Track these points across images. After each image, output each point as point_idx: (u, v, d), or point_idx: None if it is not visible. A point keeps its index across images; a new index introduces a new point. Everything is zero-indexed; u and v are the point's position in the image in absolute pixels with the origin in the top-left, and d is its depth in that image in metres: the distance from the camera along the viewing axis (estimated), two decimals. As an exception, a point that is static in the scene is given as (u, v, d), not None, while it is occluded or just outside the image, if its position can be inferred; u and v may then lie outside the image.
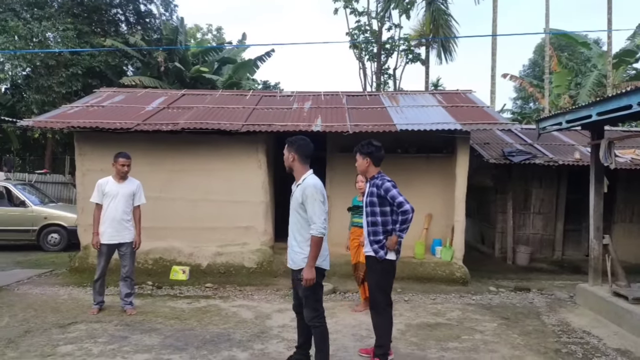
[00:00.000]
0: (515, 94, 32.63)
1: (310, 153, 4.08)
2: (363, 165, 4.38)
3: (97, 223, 5.68)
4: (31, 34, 15.83)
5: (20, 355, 4.40)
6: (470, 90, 9.67)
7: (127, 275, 5.81)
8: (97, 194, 5.72)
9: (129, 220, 5.79)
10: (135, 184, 5.88)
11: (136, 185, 5.88)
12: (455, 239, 7.73)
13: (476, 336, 5.13)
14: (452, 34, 20.78)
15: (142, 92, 10.05)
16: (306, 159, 4.05)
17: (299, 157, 4.02)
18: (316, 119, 7.93)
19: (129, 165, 5.77)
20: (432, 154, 8.12)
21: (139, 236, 5.88)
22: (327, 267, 3.97)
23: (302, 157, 4.03)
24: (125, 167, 5.75)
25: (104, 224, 5.67)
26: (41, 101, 16.01)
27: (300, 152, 4.04)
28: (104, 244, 5.67)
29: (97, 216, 5.69)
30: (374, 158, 4.35)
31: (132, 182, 5.86)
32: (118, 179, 5.78)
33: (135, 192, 5.85)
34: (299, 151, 4.03)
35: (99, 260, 5.74)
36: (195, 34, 31.64)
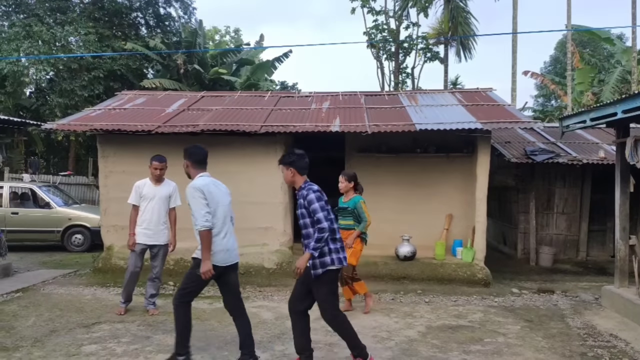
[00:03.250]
0: (536, 91, 32.08)
1: (202, 158, 4.35)
2: (288, 177, 4.20)
3: (133, 224, 5.75)
4: (54, 39, 16.17)
5: (46, 354, 4.48)
6: (490, 89, 9.54)
7: (156, 276, 5.88)
8: (134, 196, 5.78)
9: (165, 223, 5.83)
10: (172, 186, 5.89)
11: (172, 188, 5.89)
12: (476, 239, 7.63)
13: (499, 339, 5.06)
14: (471, 31, 20.56)
15: (162, 94, 10.16)
16: (199, 164, 4.33)
17: (192, 163, 4.31)
18: (334, 119, 7.92)
19: (161, 169, 5.75)
20: (452, 154, 8.03)
21: (174, 238, 5.92)
22: (218, 264, 4.12)
23: (194, 162, 4.32)
24: (158, 171, 5.75)
25: (140, 226, 5.75)
26: (64, 104, 16.33)
27: (193, 159, 4.33)
28: (139, 244, 5.75)
29: (133, 217, 5.76)
30: (298, 167, 4.15)
31: (168, 185, 5.87)
32: (154, 181, 5.81)
33: (172, 194, 5.86)
34: (191, 158, 4.32)
35: (134, 260, 5.79)
36: (213, 35, 31.93)
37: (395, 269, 7.54)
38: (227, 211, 4.35)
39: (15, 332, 5.08)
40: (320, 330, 5.23)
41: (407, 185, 8.19)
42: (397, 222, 8.04)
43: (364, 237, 5.89)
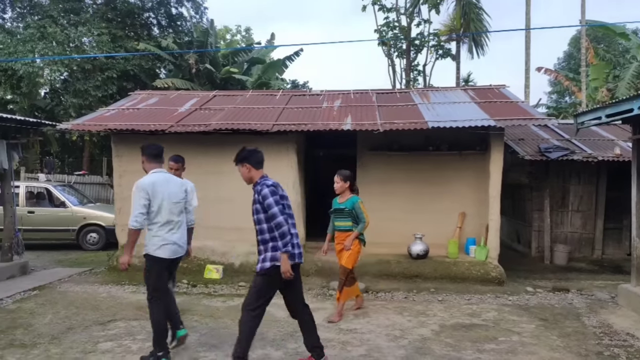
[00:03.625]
0: (550, 88, 31.73)
1: (157, 152, 4.53)
2: (245, 174, 4.19)
3: None
4: (68, 40, 16.35)
5: (63, 351, 4.55)
6: (503, 85, 9.46)
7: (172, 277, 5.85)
8: None
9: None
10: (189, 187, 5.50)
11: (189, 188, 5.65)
12: (490, 237, 7.58)
13: (513, 338, 5.02)
14: (483, 27, 20.39)
15: (174, 94, 10.24)
16: (154, 158, 4.50)
17: (147, 158, 4.48)
18: (346, 118, 7.91)
19: (177, 169, 5.53)
20: (465, 151, 7.98)
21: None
22: (162, 256, 4.32)
23: (149, 157, 4.49)
24: (173, 171, 5.53)
25: None
26: (78, 104, 16.52)
27: (148, 153, 4.50)
28: None
29: None
30: (252, 162, 4.15)
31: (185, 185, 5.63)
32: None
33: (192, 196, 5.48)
34: (146, 152, 4.49)
35: None
36: (224, 35, 32.04)
37: (408, 267, 7.52)
38: (177, 207, 4.48)
39: (32, 330, 5.16)
40: (333, 329, 5.25)
41: (419, 183, 8.16)
42: (410, 220, 8.02)
43: (362, 239, 5.70)
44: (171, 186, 4.46)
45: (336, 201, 5.74)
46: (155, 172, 4.44)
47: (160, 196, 4.33)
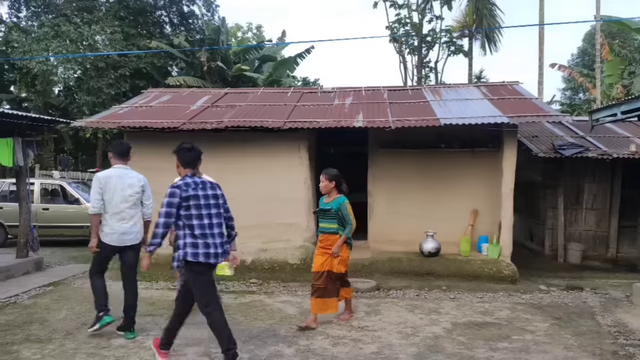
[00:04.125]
0: (564, 84, 31.36)
1: (123, 150, 5.07)
2: (177, 169, 4.28)
3: None
4: (81, 38, 16.51)
5: (77, 346, 4.61)
6: (517, 82, 9.36)
7: None
8: None
9: None
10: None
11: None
12: (502, 235, 7.52)
13: (527, 336, 4.98)
14: (496, 23, 20.20)
15: (187, 91, 10.29)
16: (119, 156, 5.02)
17: (113, 155, 5.05)
18: (358, 115, 7.89)
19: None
20: (478, 149, 7.92)
21: None
22: (107, 242, 4.85)
23: (115, 155, 5.03)
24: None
25: None
26: (92, 102, 16.69)
27: (114, 151, 5.07)
28: None
29: None
30: (180, 159, 4.21)
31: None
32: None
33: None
34: (113, 150, 5.07)
35: None
36: (236, 32, 32.11)
37: (420, 265, 7.49)
38: (130, 200, 4.92)
39: (48, 325, 5.24)
40: (345, 326, 5.26)
41: (431, 181, 8.12)
42: (421, 217, 7.98)
43: (349, 243, 5.32)
44: (125, 180, 4.91)
45: (322, 201, 5.36)
46: (116, 167, 5.00)
47: (112, 189, 4.84)
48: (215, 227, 4.17)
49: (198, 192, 4.09)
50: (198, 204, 4.07)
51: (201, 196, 4.10)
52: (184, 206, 4.00)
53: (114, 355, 4.41)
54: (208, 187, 4.19)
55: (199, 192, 4.10)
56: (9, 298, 6.31)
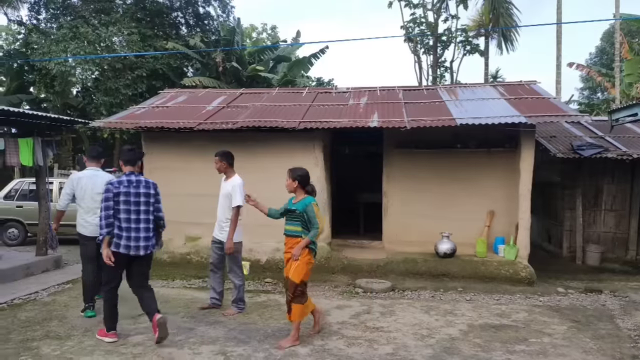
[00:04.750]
0: (581, 84, 30.91)
1: (94, 154, 5.79)
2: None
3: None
4: (99, 39, 16.73)
5: (96, 343, 4.67)
6: (534, 81, 9.25)
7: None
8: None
9: (227, 219, 5.59)
10: (230, 184, 5.56)
11: (231, 186, 5.52)
12: (519, 237, 7.43)
13: (544, 339, 4.91)
14: (513, 22, 19.99)
15: (202, 92, 10.36)
16: (91, 159, 5.75)
17: (87, 158, 5.83)
18: (373, 115, 7.86)
19: (216, 162, 5.59)
20: (494, 149, 7.84)
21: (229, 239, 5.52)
22: (83, 233, 5.52)
23: (88, 157, 5.81)
24: (215, 164, 5.63)
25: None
26: (109, 103, 16.90)
27: (87, 154, 5.85)
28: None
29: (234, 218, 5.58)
30: (122, 159, 4.89)
31: (230, 182, 5.60)
32: (224, 178, 5.70)
33: (231, 193, 5.50)
34: (87, 154, 5.85)
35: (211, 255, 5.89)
36: (250, 33, 32.26)
37: (435, 266, 7.44)
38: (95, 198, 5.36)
39: (67, 322, 5.32)
40: (360, 327, 5.25)
41: (446, 181, 8.06)
42: (436, 218, 7.93)
43: (313, 248, 4.76)
44: (97, 180, 5.46)
45: (290, 201, 4.96)
46: (88, 169, 5.69)
47: (84, 188, 5.48)
48: (142, 222, 4.66)
49: (130, 189, 4.62)
50: (127, 200, 4.60)
51: (132, 193, 4.63)
52: (114, 201, 4.56)
53: (131, 352, 4.46)
54: (141, 186, 4.70)
55: (131, 190, 4.62)
56: (29, 295, 6.42)
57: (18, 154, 7.54)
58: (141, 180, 4.73)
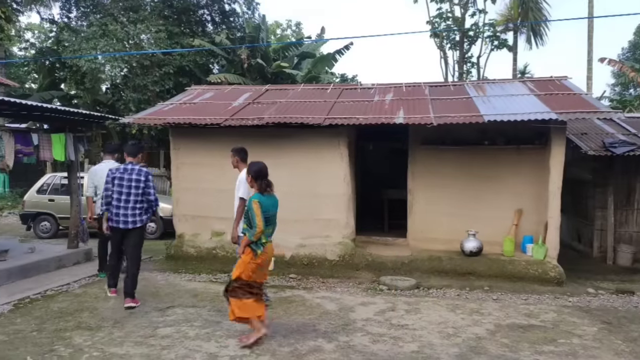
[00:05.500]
0: (613, 79, 30.00)
1: (110, 149, 7.36)
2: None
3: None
4: (128, 37, 17.02)
5: (125, 335, 4.78)
6: (565, 77, 9.02)
7: None
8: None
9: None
10: (238, 178, 5.68)
11: (238, 180, 5.65)
12: (549, 236, 7.28)
13: (574, 340, 4.81)
14: (542, 17, 19.53)
15: (228, 88, 10.45)
16: (107, 153, 7.33)
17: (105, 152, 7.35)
18: (398, 111, 7.80)
19: (231, 157, 5.77)
20: (523, 146, 7.69)
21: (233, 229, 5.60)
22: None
23: (105, 151, 7.24)
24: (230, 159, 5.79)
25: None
26: (137, 99, 17.19)
27: (106, 150, 7.37)
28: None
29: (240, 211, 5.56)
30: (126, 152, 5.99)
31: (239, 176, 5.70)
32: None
33: (237, 186, 5.63)
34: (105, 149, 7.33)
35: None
36: (275, 30, 32.39)
37: (461, 264, 7.36)
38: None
39: (97, 313, 5.46)
40: (385, 324, 5.24)
41: (473, 178, 7.95)
42: (462, 216, 7.84)
43: (253, 249, 4.52)
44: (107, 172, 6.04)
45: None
46: (104, 161, 7.11)
47: (99, 179, 6.67)
48: (130, 202, 5.71)
49: (124, 175, 5.72)
50: (120, 184, 5.71)
51: (125, 179, 5.71)
52: (112, 184, 5.71)
53: (159, 344, 4.55)
54: (134, 173, 5.73)
55: (125, 176, 5.71)
56: (61, 286, 6.61)
57: (51, 149, 7.75)
58: (135, 169, 5.76)
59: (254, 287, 4.60)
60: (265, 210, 4.52)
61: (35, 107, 7.25)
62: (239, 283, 4.53)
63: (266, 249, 4.58)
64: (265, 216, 4.52)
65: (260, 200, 4.54)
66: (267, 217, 4.56)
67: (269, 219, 4.59)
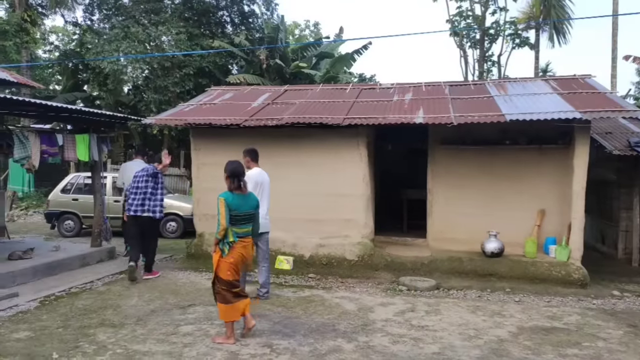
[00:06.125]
0: (638, 77, 29.29)
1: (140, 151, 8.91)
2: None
3: None
4: (149, 39, 17.28)
5: (148, 332, 4.85)
6: (589, 75, 8.84)
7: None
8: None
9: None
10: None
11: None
12: (572, 237, 7.14)
13: (599, 343, 4.72)
14: (565, 14, 19.17)
15: (248, 89, 10.52)
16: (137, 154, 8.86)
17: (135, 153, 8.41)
18: (418, 111, 7.75)
19: (242, 157, 6.08)
20: (546, 145, 7.57)
21: None
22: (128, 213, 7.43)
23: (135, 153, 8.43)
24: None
25: None
26: (158, 100, 17.43)
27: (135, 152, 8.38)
28: None
29: None
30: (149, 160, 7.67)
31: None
32: None
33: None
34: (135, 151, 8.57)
35: None
36: (293, 30, 32.49)
37: (481, 265, 7.27)
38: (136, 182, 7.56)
39: (120, 311, 5.55)
40: (404, 324, 5.21)
41: (494, 178, 7.86)
42: (483, 216, 7.75)
43: (221, 248, 4.60)
44: (134, 168, 7.66)
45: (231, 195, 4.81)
46: (134, 160, 8.75)
47: (126, 175, 8.18)
48: (144, 194, 7.17)
49: (142, 174, 7.22)
50: (136, 180, 7.21)
51: (139, 176, 7.21)
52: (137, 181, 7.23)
53: (181, 342, 4.61)
54: (150, 171, 7.21)
55: (142, 174, 7.22)
56: (85, 284, 6.74)
57: (75, 150, 7.91)
58: (150, 169, 7.23)
59: (235, 287, 4.64)
60: (234, 208, 4.58)
61: (63, 108, 7.41)
62: (223, 283, 4.58)
63: (235, 248, 4.60)
64: (235, 215, 4.58)
65: (227, 198, 4.61)
66: (238, 216, 4.61)
67: (239, 217, 4.63)
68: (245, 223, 4.70)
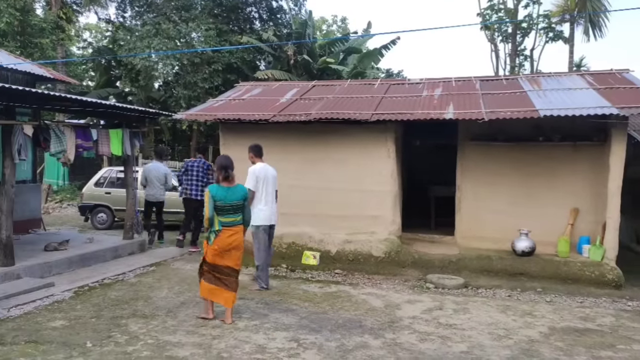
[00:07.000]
0: (680, 71, 28.16)
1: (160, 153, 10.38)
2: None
3: None
4: (179, 35, 17.54)
5: (178, 324, 4.95)
6: (626, 70, 8.54)
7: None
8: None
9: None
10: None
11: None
12: (607, 237, 6.93)
13: (634, 346, 4.58)
14: (602, 7, 18.56)
15: (276, 85, 10.57)
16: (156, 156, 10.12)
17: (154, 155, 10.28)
18: (447, 107, 7.64)
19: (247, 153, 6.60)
20: (580, 142, 7.36)
21: None
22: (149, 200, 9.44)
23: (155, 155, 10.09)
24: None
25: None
26: (188, 96, 17.71)
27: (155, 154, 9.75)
28: None
29: None
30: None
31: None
32: None
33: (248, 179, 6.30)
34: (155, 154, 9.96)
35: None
36: (321, 25, 32.42)
37: (512, 264, 7.13)
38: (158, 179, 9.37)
39: (151, 302, 5.68)
40: (432, 322, 5.17)
41: (525, 175, 7.68)
42: (513, 214, 7.59)
43: (207, 235, 5.09)
44: (157, 169, 9.38)
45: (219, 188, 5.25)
46: (154, 162, 9.84)
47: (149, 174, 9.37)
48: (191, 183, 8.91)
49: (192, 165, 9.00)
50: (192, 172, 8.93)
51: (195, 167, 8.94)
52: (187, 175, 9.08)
53: (210, 334, 4.68)
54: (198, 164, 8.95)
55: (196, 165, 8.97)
56: (117, 276, 6.92)
57: (109, 144, 8.11)
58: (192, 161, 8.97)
59: (223, 273, 5.04)
60: (220, 199, 4.96)
61: (99, 104, 7.60)
62: (207, 265, 5.07)
63: (221, 236, 4.98)
64: (220, 205, 4.96)
65: (212, 191, 5.00)
66: (224, 207, 4.98)
67: (225, 208, 4.99)
68: (232, 213, 5.06)
